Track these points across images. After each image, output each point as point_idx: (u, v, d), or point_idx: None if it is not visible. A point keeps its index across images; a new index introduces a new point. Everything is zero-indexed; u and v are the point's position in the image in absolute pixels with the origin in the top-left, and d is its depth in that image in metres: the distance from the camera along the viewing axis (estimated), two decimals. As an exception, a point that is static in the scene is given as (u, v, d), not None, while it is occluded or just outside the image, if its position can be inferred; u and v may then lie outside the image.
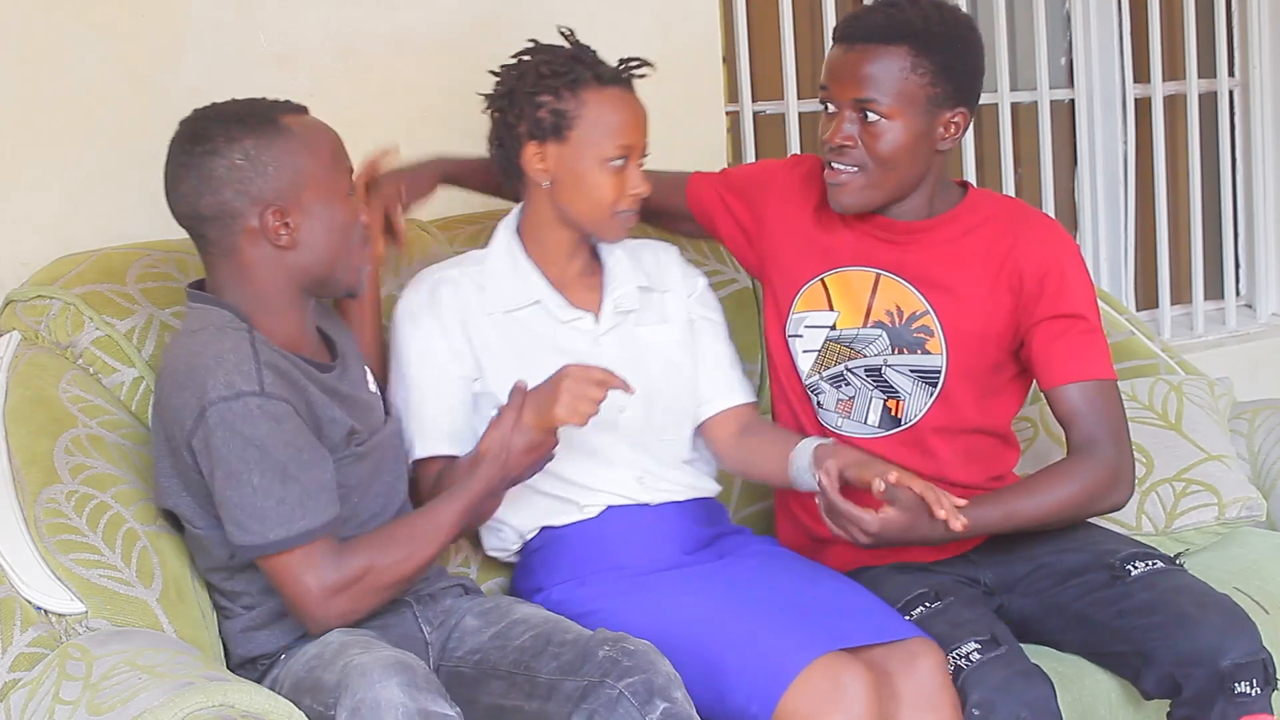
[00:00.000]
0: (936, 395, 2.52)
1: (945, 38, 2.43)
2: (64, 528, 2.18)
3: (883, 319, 2.53)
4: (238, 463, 2.11)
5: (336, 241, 2.25)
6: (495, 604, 2.40)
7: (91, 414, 2.34)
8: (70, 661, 2.00)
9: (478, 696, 2.23)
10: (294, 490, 2.13)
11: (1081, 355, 2.46)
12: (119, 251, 2.56)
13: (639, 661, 2.12)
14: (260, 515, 2.12)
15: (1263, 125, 4.40)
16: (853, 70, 2.42)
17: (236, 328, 2.20)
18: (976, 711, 2.27)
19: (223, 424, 2.11)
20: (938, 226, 2.53)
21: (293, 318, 2.27)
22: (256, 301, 2.24)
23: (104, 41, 2.69)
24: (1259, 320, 4.48)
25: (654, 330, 2.57)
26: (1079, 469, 2.43)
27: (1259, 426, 3.07)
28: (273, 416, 2.12)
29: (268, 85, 2.79)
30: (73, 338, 2.46)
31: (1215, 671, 2.29)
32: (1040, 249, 2.50)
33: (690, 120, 3.33)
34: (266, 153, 2.20)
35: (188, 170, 2.22)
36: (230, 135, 2.21)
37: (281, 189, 2.20)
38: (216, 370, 2.13)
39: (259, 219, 2.20)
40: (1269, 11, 4.37)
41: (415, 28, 2.99)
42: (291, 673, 2.15)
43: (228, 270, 2.25)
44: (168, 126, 2.74)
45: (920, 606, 2.41)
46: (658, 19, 3.27)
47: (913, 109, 2.41)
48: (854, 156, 2.44)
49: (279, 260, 2.23)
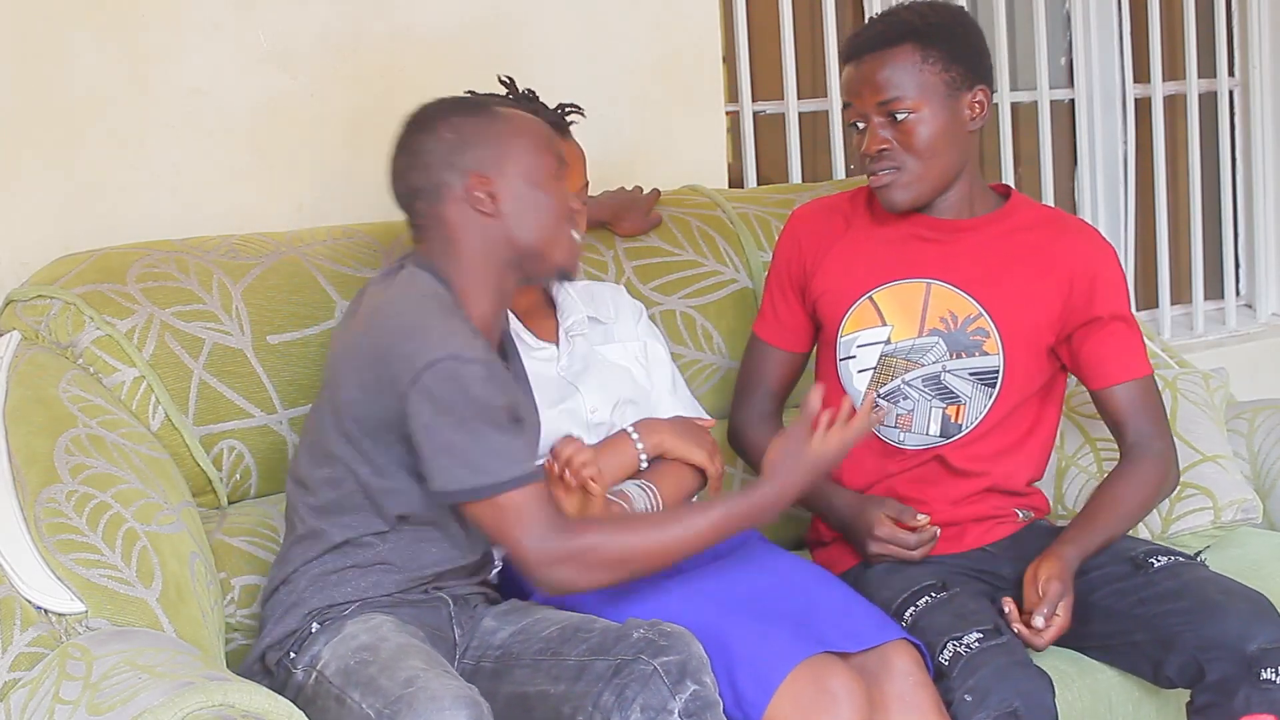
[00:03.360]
0: (996, 396, 2.55)
1: (944, 27, 2.51)
2: (64, 527, 2.17)
3: (938, 326, 2.56)
4: (467, 411, 2.13)
5: (545, 220, 2.29)
6: (512, 606, 2.39)
7: (92, 414, 2.33)
8: (70, 661, 1.99)
9: (498, 689, 2.22)
10: (518, 440, 2.18)
11: (1129, 355, 2.56)
12: (119, 251, 2.56)
13: (675, 642, 2.13)
14: (497, 453, 2.13)
15: (1263, 125, 4.41)
16: (869, 79, 2.48)
17: (444, 297, 2.24)
18: (969, 697, 2.27)
19: (453, 379, 2.13)
20: (981, 226, 2.58)
21: (493, 297, 2.30)
22: (461, 274, 2.28)
23: (104, 42, 2.70)
24: (1259, 320, 4.48)
25: (610, 349, 2.65)
26: (1146, 472, 2.55)
27: (1259, 427, 3.06)
28: (497, 382, 2.17)
29: (267, 85, 2.81)
30: (73, 337, 2.46)
31: (1242, 656, 2.30)
32: (1086, 251, 2.57)
33: (690, 120, 3.33)
34: (473, 129, 2.27)
35: (403, 150, 2.30)
36: (443, 115, 2.29)
37: (484, 159, 2.26)
38: (446, 332, 2.17)
39: (463, 185, 2.26)
40: (1269, 12, 4.38)
41: (414, 27, 2.99)
42: (339, 656, 2.14)
43: (437, 242, 2.29)
44: (167, 126, 2.77)
45: (926, 597, 2.42)
46: (657, 19, 3.28)
47: (935, 97, 2.48)
48: (893, 158, 2.50)
49: (484, 230, 2.27)
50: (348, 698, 2.04)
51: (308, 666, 2.18)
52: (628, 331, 2.69)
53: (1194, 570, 2.47)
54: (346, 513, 2.25)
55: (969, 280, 2.55)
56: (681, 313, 2.94)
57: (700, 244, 3.02)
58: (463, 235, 2.27)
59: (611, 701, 2.10)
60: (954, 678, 2.29)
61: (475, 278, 2.28)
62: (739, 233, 3.08)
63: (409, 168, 2.28)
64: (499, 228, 2.27)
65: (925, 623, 2.37)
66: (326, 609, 2.23)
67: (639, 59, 3.26)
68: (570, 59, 3.12)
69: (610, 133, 2.71)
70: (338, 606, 2.23)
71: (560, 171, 2.32)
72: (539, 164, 2.29)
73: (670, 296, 2.93)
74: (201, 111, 2.76)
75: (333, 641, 2.18)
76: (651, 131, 3.28)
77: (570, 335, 2.61)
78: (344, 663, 2.12)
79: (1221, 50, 4.35)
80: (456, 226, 2.27)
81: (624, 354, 2.66)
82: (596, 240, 2.93)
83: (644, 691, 2.08)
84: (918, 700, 2.27)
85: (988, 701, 2.25)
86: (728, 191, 3.26)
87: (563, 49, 3.11)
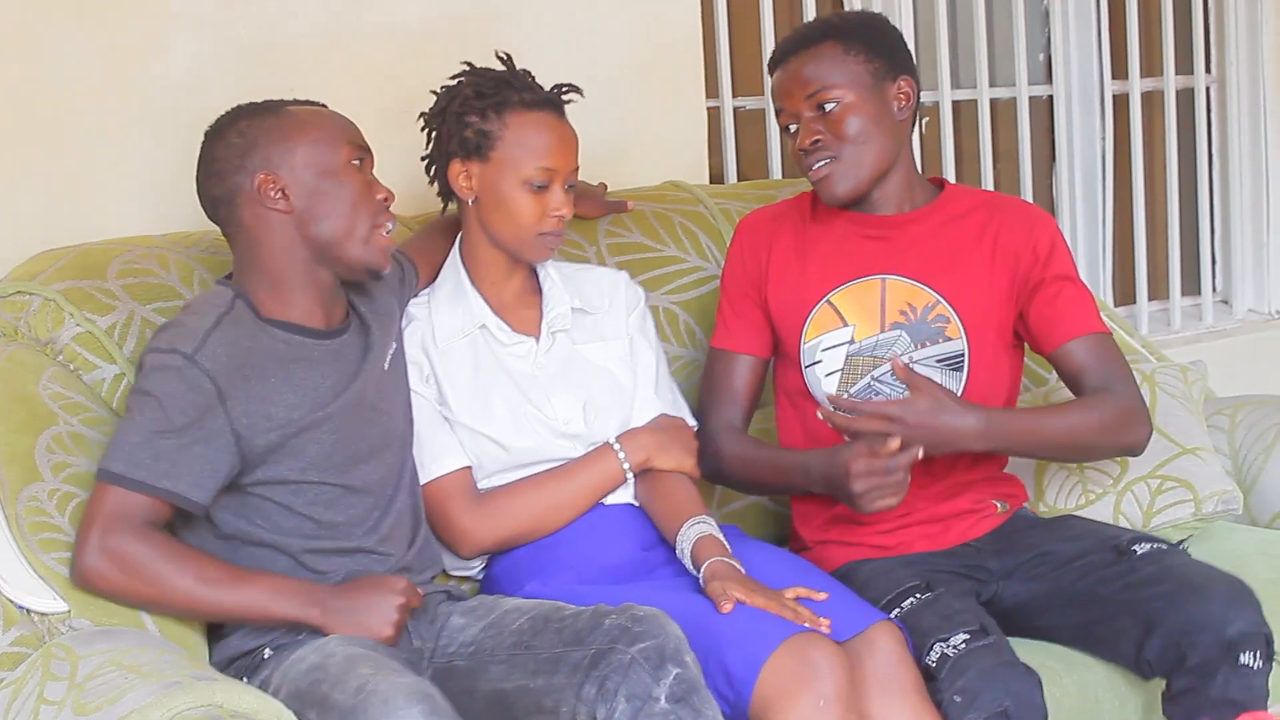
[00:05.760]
0: (965, 379, 2.56)
1: (861, 23, 2.62)
2: (46, 526, 2.16)
3: (899, 319, 2.57)
4: (135, 404, 2.18)
5: (340, 209, 2.29)
6: (480, 602, 2.39)
7: (73, 411, 2.32)
8: (54, 661, 1.98)
9: (475, 686, 2.21)
10: (167, 443, 2.15)
11: (1079, 312, 2.58)
12: (99, 247, 2.55)
13: (649, 627, 2.12)
14: (125, 443, 2.15)
15: (1239, 122, 4.42)
16: (795, 77, 2.56)
17: (219, 303, 2.26)
18: (959, 699, 2.27)
19: (141, 370, 2.20)
20: (922, 218, 2.62)
21: (308, 292, 2.31)
22: (265, 275, 2.30)
23: (85, 35, 2.67)
24: (1235, 316, 4.50)
25: (593, 348, 2.63)
26: (1098, 402, 2.52)
27: (1240, 422, 3.08)
28: (183, 379, 2.17)
29: (248, 79, 2.79)
30: (53, 334, 2.44)
31: (1222, 639, 2.31)
32: (1025, 223, 2.62)
33: (672, 116, 3.33)
34: (260, 129, 2.29)
35: (201, 162, 2.33)
36: (233, 121, 2.31)
37: (272, 157, 2.27)
38: (171, 329, 2.23)
39: (254, 185, 2.27)
40: (1244, 9, 4.39)
41: (396, 21, 2.98)
42: (289, 680, 2.13)
43: (242, 248, 2.32)
44: (148, 121, 2.75)
45: (911, 598, 2.42)
46: (640, 15, 3.27)
47: (861, 87, 2.54)
48: (827, 148, 2.54)
49: (281, 227, 2.28)
50: (305, 719, 2.03)
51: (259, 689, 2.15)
52: (615, 327, 2.66)
53: (1176, 556, 2.49)
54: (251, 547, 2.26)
55: (921, 270, 2.58)
56: (664, 308, 2.94)
57: (683, 240, 3.02)
58: (262, 236, 2.29)
59: (594, 693, 2.09)
60: (942, 679, 2.29)
61: (282, 277, 2.30)
62: (721, 228, 3.07)
63: (206, 179, 2.32)
64: (294, 222, 2.28)
65: (911, 624, 2.37)
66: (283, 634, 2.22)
67: (621, 55, 3.26)
68: (552, 55, 3.10)
69: (591, 129, 2.70)
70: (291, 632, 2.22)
71: (364, 163, 2.33)
72: (331, 155, 2.30)
73: (653, 292, 2.92)
74: (182, 106, 2.73)
75: (282, 666, 2.17)
76: (633, 127, 3.27)
77: (552, 331, 2.59)
78: (295, 685, 2.11)
79: (1199, 47, 4.36)
80: (255, 229, 2.29)
81: (606, 354, 2.63)
82: (580, 236, 2.92)
83: (626, 681, 2.08)
84: (899, 677, 2.28)
85: (978, 702, 2.25)
86: (709, 187, 3.26)
87: (545, 45, 3.10)
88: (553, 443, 2.55)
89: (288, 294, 2.31)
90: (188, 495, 2.17)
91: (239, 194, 2.28)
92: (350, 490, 2.30)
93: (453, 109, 2.55)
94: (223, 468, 2.19)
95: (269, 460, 2.23)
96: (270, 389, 2.23)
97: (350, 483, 2.30)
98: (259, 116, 2.31)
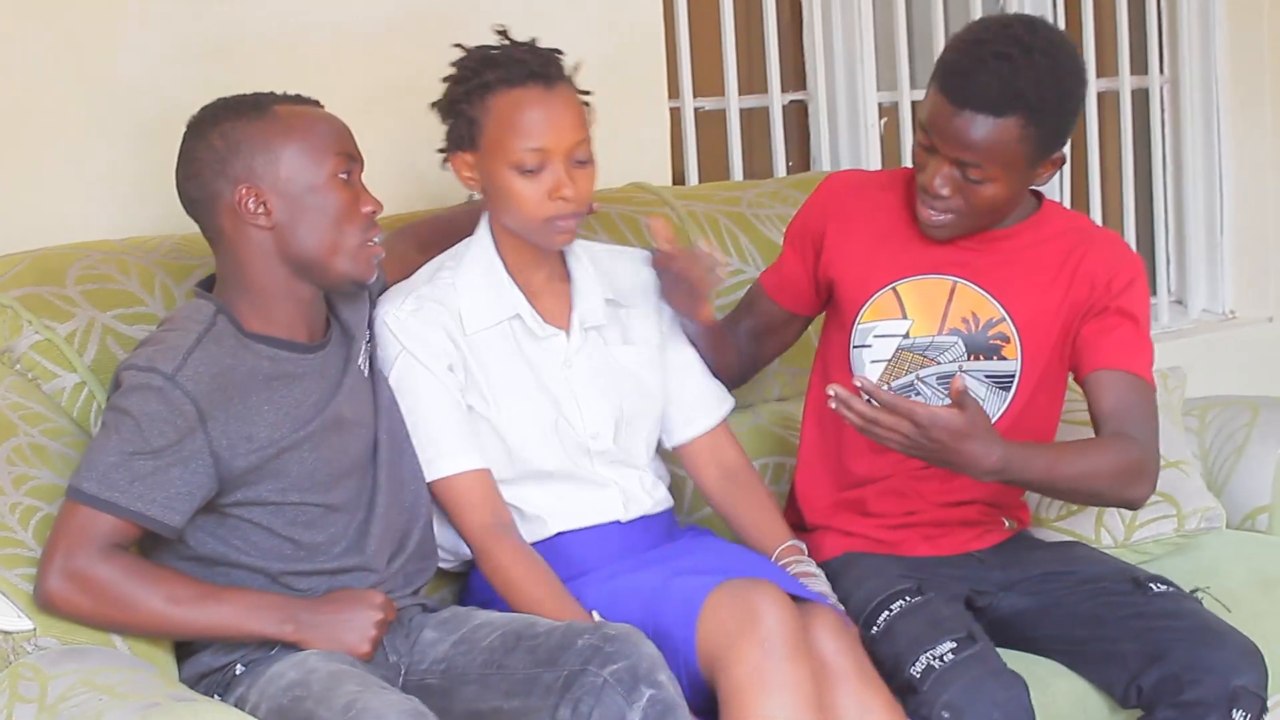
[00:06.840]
0: (1010, 400, 2.52)
1: (1057, 101, 2.39)
2: (8, 541, 2.10)
3: (959, 326, 2.52)
4: (112, 422, 2.11)
5: (324, 225, 2.21)
6: (452, 614, 2.34)
7: (33, 422, 2.25)
8: (22, 682, 1.93)
9: (450, 706, 2.16)
10: (138, 467, 2.09)
11: (1129, 350, 2.46)
12: (57, 252, 2.47)
13: (621, 647, 2.07)
14: (99, 462, 2.09)
15: (1192, 122, 4.44)
16: (959, 135, 2.36)
17: (201, 319, 2.18)
18: (946, 714, 2.24)
19: (118, 388, 2.14)
20: (1014, 235, 2.53)
21: (289, 305, 2.24)
22: (246, 288, 2.22)
23: (39, 33, 2.61)
24: (1190, 316, 4.51)
25: (624, 350, 2.51)
26: (1116, 446, 2.38)
27: (1210, 424, 3.08)
28: (163, 400, 2.09)
29: (207, 78, 2.73)
30: (10, 342, 2.37)
31: (1226, 686, 2.30)
32: (1112, 258, 2.52)
33: (634, 117, 3.29)
34: (244, 133, 2.20)
35: (180, 159, 2.24)
36: (216, 119, 2.22)
37: (255, 166, 2.18)
38: (150, 345, 2.16)
39: (234, 195, 2.19)
40: (1197, 9, 4.41)
41: (358, 20, 2.93)
42: (268, 697, 2.07)
43: (222, 253, 2.25)
44: (104, 121, 2.68)
45: (900, 600, 2.39)
46: (602, 15, 3.24)
47: (1015, 171, 2.40)
48: (951, 205, 2.43)
49: (261, 242, 2.21)
50: None
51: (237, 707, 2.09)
52: (646, 330, 2.53)
53: (1194, 603, 2.48)
54: (225, 568, 2.21)
55: (995, 284, 2.51)
56: (633, 312, 2.89)
57: (649, 242, 2.97)
58: (241, 248, 2.21)
59: (568, 715, 2.05)
60: (925, 691, 2.27)
61: (263, 291, 2.22)
62: (688, 229, 3.04)
63: (185, 178, 2.24)
64: (274, 237, 2.20)
65: (899, 629, 2.35)
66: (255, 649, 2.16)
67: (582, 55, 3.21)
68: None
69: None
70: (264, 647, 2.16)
71: (352, 174, 2.23)
72: (317, 168, 2.21)
73: (622, 295, 2.87)
74: (141, 107, 2.67)
75: (259, 683, 2.11)
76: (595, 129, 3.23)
77: (584, 327, 2.47)
78: (276, 703, 2.05)
79: (1153, 47, 4.37)
80: (234, 239, 2.21)
81: (636, 358, 2.51)
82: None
83: (599, 706, 2.03)
84: (845, 665, 2.24)
85: (966, 718, 2.23)
86: (674, 189, 3.23)
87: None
88: (571, 460, 2.42)
89: (270, 308, 2.23)
90: (162, 519, 2.11)
91: (218, 200, 2.21)
92: (330, 509, 2.25)
93: (446, 98, 2.42)
94: (199, 490, 2.13)
95: (249, 481, 2.17)
96: (251, 409, 2.17)
97: (331, 501, 2.24)
98: (244, 117, 2.21)
